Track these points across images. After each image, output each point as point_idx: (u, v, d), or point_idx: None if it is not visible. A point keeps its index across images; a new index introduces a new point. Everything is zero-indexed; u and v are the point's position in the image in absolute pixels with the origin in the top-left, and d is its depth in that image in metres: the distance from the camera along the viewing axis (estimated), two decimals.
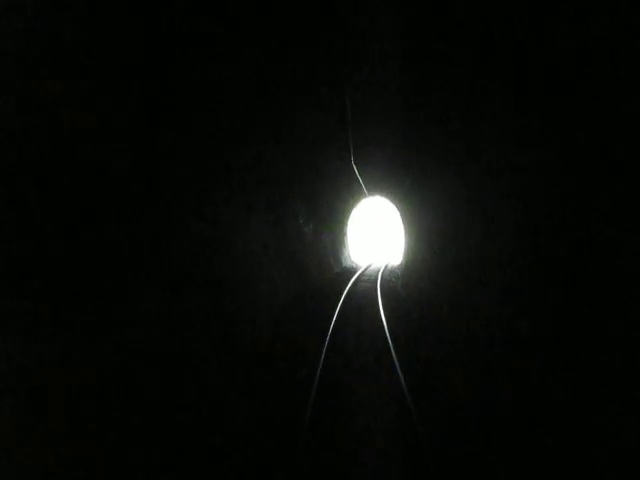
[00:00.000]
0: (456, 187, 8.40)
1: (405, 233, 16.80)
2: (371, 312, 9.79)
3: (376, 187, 16.10)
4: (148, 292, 4.41)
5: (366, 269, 19.83)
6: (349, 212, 20.24)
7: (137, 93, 4.28)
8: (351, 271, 18.44)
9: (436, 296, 9.48)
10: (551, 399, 4.20)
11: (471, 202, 7.62)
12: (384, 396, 5.15)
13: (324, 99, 7.10)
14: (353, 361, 6.40)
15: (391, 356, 6.34)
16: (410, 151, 9.74)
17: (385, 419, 4.62)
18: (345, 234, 21.04)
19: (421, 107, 7.26)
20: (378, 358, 6.49)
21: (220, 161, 6.34)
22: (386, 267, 19.48)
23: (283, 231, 10.40)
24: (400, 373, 5.53)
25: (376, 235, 30.44)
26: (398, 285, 13.64)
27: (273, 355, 6.47)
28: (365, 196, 18.24)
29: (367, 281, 15.38)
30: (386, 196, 17.89)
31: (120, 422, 3.56)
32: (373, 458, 3.99)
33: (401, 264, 17.11)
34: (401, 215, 16.87)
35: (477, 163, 6.93)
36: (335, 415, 4.68)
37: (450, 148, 7.87)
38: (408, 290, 12.24)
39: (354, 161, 9.79)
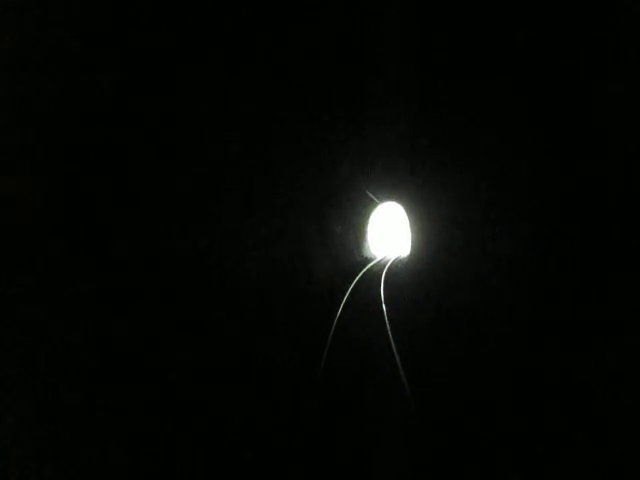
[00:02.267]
0: (454, 191, 9.11)
1: (412, 231, 21.64)
2: (377, 285, 15.28)
3: (389, 194, 21.16)
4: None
5: (381, 259, 25.28)
6: (368, 216, 25.68)
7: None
8: (369, 259, 23.95)
9: (430, 277, 14.41)
10: (552, 395, 4.20)
11: (468, 203, 8.17)
12: (373, 318, 10.59)
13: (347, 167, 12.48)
14: (359, 306, 11.92)
15: (385, 310, 11.82)
16: (414, 165, 13.01)
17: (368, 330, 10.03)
18: (365, 232, 26.50)
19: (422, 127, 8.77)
20: (376, 307, 11.98)
21: (293, 197, 11.98)
22: (397, 258, 24.84)
23: (322, 231, 16.01)
24: (385, 314, 10.98)
25: (390, 233, 35.93)
26: (401, 270, 18.99)
27: (316, 305, 12.08)
28: (380, 203, 23.57)
29: (379, 266, 20.84)
30: (397, 202, 22.99)
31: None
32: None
33: (407, 255, 22.30)
34: (409, 217, 21.20)
35: (473, 167, 7.32)
36: (349, 329, 10.06)
37: (446, 158, 8.78)
38: (408, 273, 17.50)
39: (366, 188, 15.32)
